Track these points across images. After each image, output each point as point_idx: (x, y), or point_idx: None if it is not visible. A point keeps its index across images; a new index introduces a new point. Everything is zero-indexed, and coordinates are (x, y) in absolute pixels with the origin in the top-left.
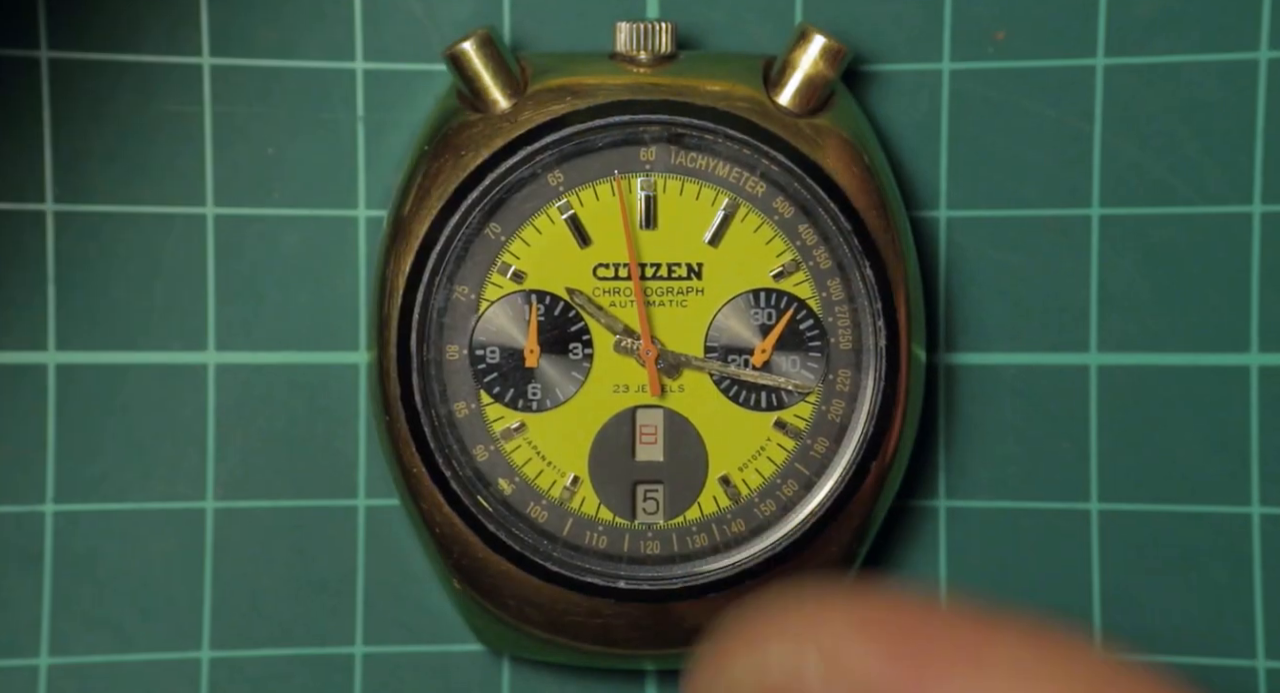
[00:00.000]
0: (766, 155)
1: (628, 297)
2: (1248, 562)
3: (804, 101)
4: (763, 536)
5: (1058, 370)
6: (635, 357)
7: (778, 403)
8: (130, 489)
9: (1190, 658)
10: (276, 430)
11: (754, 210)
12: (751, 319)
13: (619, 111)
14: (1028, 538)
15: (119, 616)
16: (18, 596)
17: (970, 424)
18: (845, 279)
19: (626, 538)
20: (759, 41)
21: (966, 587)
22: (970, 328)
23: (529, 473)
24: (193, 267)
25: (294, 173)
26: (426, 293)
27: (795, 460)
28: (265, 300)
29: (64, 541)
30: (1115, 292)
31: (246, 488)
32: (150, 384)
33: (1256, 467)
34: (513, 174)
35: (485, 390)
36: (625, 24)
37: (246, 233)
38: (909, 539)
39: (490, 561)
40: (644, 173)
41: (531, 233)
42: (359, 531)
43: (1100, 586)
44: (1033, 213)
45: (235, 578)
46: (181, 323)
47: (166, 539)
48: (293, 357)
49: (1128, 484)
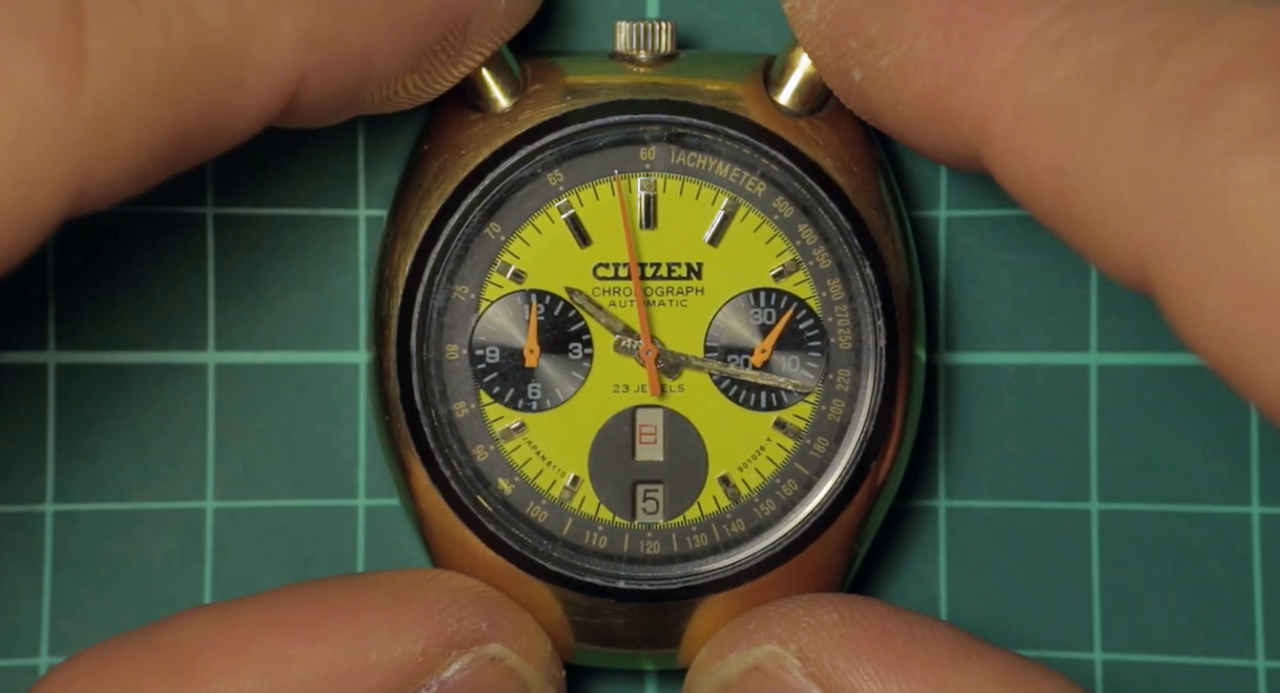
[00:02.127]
0: (766, 155)
1: (628, 296)
2: (1248, 562)
3: (804, 101)
4: (762, 535)
5: (1058, 370)
6: (635, 356)
7: (777, 403)
8: (130, 489)
9: (1190, 658)
10: (276, 430)
11: (754, 210)
12: (751, 319)
13: (619, 111)
14: (1028, 538)
15: (119, 616)
16: (18, 596)
17: (970, 424)
18: (845, 279)
19: (626, 538)
20: (759, 41)
21: (966, 587)
22: (970, 328)
23: (529, 473)
24: (193, 267)
25: (294, 173)
26: (426, 293)
27: (795, 460)
28: (265, 300)
29: (64, 541)
30: (1115, 292)
31: (246, 488)
32: (150, 384)
33: (1256, 467)
34: (512, 174)
35: (485, 390)
36: (625, 24)
37: (246, 233)
38: (909, 539)
39: (490, 561)
40: (644, 172)
41: (531, 232)
42: (359, 531)
43: (1100, 586)
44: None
45: (235, 578)
46: (181, 323)
47: (166, 539)
48: (293, 357)
49: (1128, 484)
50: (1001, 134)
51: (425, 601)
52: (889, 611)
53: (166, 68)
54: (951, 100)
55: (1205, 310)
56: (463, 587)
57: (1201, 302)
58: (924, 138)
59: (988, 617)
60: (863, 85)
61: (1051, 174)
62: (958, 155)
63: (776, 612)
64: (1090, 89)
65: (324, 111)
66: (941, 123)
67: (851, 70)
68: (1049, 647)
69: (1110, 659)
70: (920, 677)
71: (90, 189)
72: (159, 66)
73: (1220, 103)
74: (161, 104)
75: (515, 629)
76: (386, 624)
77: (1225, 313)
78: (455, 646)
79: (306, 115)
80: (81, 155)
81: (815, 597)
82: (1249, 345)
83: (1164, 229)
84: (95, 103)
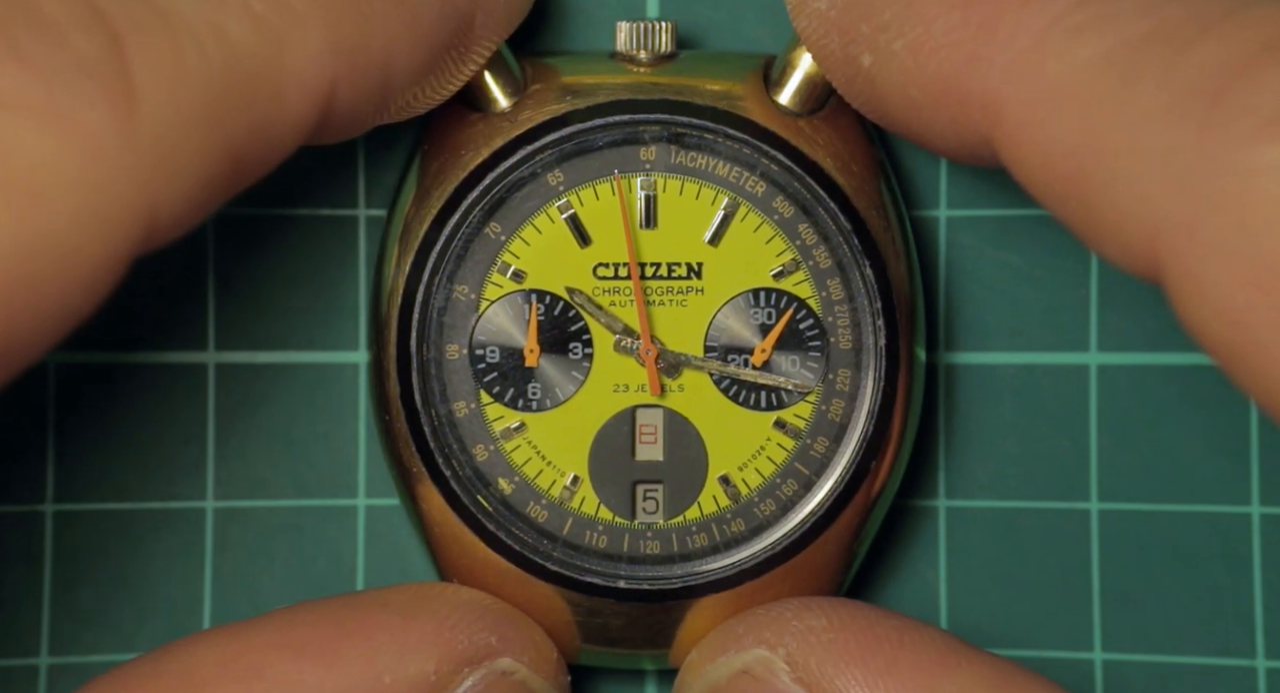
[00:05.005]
0: (766, 155)
1: (628, 296)
2: (1248, 562)
3: (804, 101)
4: (762, 535)
5: (1057, 370)
6: (635, 356)
7: (777, 403)
8: (130, 489)
9: (1190, 658)
10: (276, 430)
11: (754, 210)
12: (751, 319)
13: (619, 111)
14: (1028, 538)
15: (119, 616)
16: (18, 596)
17: (970, 424)
18: (845, 279)
19: (626, 538)
20: (759, 41)
21: (966, 587)
22: (970, 328)
23: (529, 473)
24: (193, 267)
25: (294, 173)
26: (426, 293)
27: (795, 460)
28: (265, 300)
29: (64, 541)
30: (1115, 292)
31: (246, 488)
32: (150, 384)
33: (1256, 467)
34: (512, 174)
35: (485, 390)
36: (625, 23)
37: (246, 233)
38: (909, 539)
39: (490, 560)
40: (644, 172)
41: (531, 232)
42: (359, 531)
43: (1100, 586)
44: (1033, 213)
45: (235, 578)
46: (181, 323)
47: (166, 539)
48: (293, 357)
49: (1127, 484)
50: (1017, 115)
51: (434, 618)
52: (878, 615)
53: (208, 89)
54: (966, 82)
55: (1216, 295)
56: (470, 601)
57: (1213, 286)
58: (932, 124)
59: (987, 617)
60: (872, 70)
61: (1066, 156)
62: (966, 143)
63: (766, 616)
64: (1111, 73)
65: (353, 122)
66: (954, 107)
67: (861, 55)
68: (1049, 647)
69: (1110, 659)
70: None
71: (159, 220)
72: (202, 89)
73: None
74: (210, 125)
75: (524, 641)
76: (397, 644)
77: (1236, 298)
78: (467, 662)
79: (337, 127)
80: (147, 186)
81: (804, 601)
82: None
83: (1179, 211)
84: (150, 132)
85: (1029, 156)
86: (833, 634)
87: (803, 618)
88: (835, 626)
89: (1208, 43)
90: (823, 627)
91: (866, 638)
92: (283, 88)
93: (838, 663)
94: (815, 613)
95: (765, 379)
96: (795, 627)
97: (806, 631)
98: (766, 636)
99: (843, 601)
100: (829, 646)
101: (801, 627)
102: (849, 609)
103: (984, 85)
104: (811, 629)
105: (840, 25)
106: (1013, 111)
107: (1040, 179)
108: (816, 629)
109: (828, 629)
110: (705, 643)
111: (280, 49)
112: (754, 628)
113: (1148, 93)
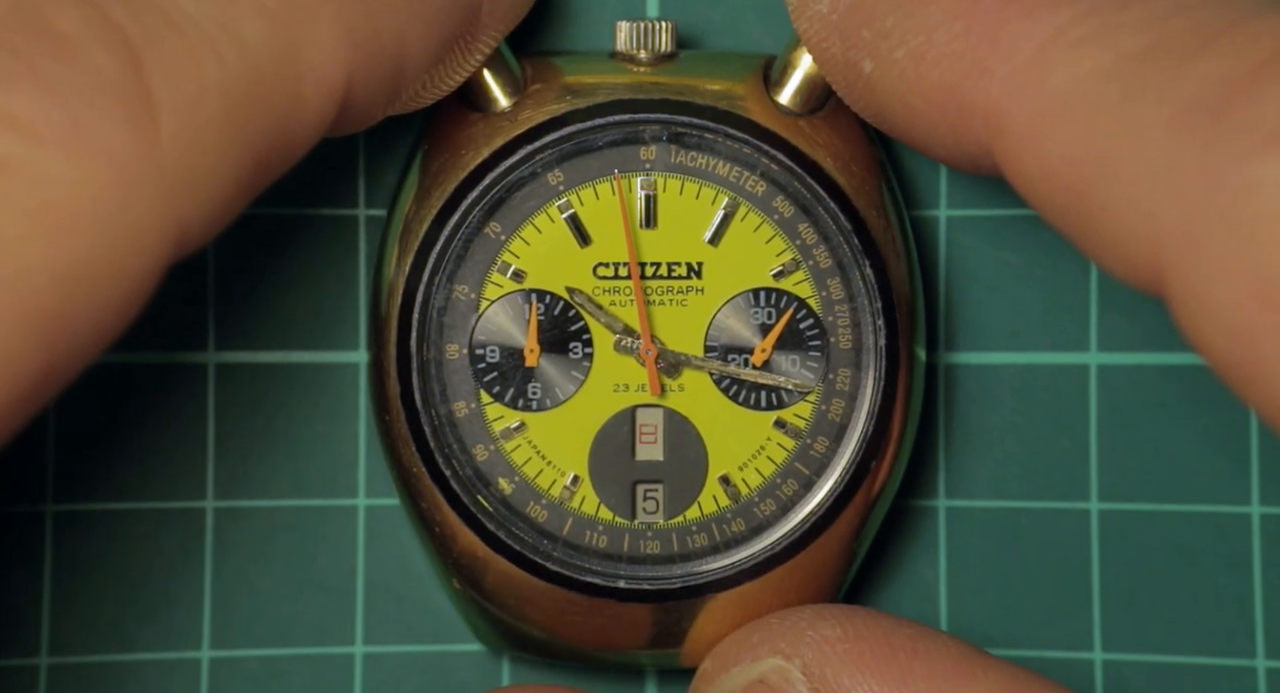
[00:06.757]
0: (766, 154)
1: (628, 296)
2: (1248, 562)
3: (804, 101)
4: (762, 535)
5: (1057, 370)
6: (635, 356)
7: (777, 402)
8: (130, 489)
9: (1190, 658)
10: (276, 430)
11: (754, 210)
12: (751, 318)
13: (619, 111)
14: (1028, 538)
15: (119, 616)
16: (18, 596)
17: (970, 424)
18: (845, 278)
19: (626, 538)
20: (759, 41)
21: (966, 587)
22: (970, 328)
23: (529, 473)
24: (193, 268)
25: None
26: (426, 292)
27: (795, 460)
28: (265, 300)
29: (64, 541)
30: (1115, 292)
31: (246, 488)
32: (150, 384)
33: (1256, 467)
34: (512, 173)
35: (485, 390)
36: (625, 23)
37: (246, 233)
38: (909, 539)
39: (490, 560)
40: (644, 172)
41: (531, 232)
42: (359, 530)
43: (1100, 586)
44: (1033, 213)
45: (235, 578)
46: (181, 323)
47: (166, 539)
48: (293, 357)
49: (1127, 484)
50: (1018, 127)
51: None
52: (893, 624)
53: (228, 95)
54: (968, 93)
55: (1218, 308)
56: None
57: (1215, 299)
58: (933, 133)
59: (988, 617)
60: (873, 77)
61: (1067, 168)
62: (966, 152)
63: (780, 625)
64: (1114, 86)
65: (366, 113)
66: (954, 116)
67: (862, 61)
68: (1049, 647)
69: (1110, 659)
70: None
71: (190, 231)
72: (221, 95)
73: (1248, 103)
74: (233, 132)
75: None
76: None
77: (1239, 312)
78: None
79: (352, 119)
80: (175, 200)
81: (818, 609)
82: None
83: (1182, 225)
84: (173, 143)
85: (1030, 168)
86: (848, 644)
87: (818, 627)
88: (850, 635)
89: (1210, 57)
90: (838, 636)
91: (882, 648)
92: (301, 86)
93: (853, 673)
94: (830, 622)
95: (765, 379)
96: (810, 636)
97: (821, 640)
98: (781, 645)
99: (857, 609)
100: (844, 655)
101: (816, 636)
102: (864, 618)
103: (985, 96)
104: (826, 639)
105: (842, 30)
106: (1014, 123)
107: (1041, 191)
108: (831, 639)
109: (843, 639)
110: (719, 652)
111: (296, 46)
112: (769, 637)
113: (1150, 106)
